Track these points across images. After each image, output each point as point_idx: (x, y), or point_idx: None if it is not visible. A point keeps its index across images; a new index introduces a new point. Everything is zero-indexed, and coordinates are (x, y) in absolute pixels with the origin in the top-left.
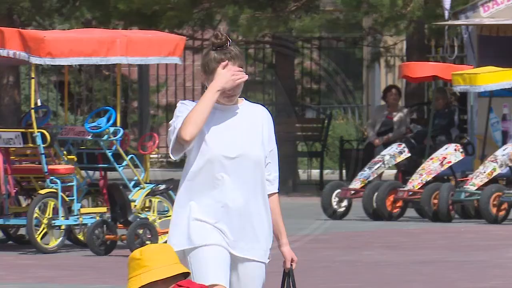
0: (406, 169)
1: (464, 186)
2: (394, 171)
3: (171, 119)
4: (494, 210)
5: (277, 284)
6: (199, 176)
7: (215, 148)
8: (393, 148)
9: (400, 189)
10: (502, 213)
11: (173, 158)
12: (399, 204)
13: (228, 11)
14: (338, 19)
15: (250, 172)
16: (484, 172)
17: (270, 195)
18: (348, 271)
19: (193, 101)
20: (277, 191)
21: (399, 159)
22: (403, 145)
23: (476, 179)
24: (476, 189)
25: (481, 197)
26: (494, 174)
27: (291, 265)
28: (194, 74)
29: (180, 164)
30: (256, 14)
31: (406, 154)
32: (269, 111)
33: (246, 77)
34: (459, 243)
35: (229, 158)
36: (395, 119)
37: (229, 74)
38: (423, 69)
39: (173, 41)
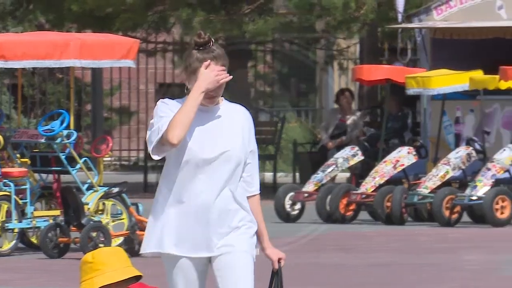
0: (359, 172)
1: (417, 189)
2: (348, 174)
3: (124, 122)
4: (447, 213)
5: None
6: (179, 178)
7: (195, 150)
8: (347, 151)
9: (353, 192)
10: (455, 216)
11: (154, 158)
12: (352, 207)
13: (182, 14)
14: (292, 22)
15: (230, 173)
16: (437, 175)
17: (251, 197)
18: (304, 274)
19: (173, 99)
20: (259, 192)
21: (352, 162)
22: (356, 148)
23: (429, 182)
24: (429, 192)
25: (434, 200)
26: (447, 177)
27: (279, 264)
28: (148, 77)
29: (132, 168)
30: (210, 17)
31: (360, 157)
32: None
33: (229, 77)
34: (413, 246)
35: (209, 159)
36: (348, 122)
37: (213, 74)
38: (376, 72)
39: (126, 44)
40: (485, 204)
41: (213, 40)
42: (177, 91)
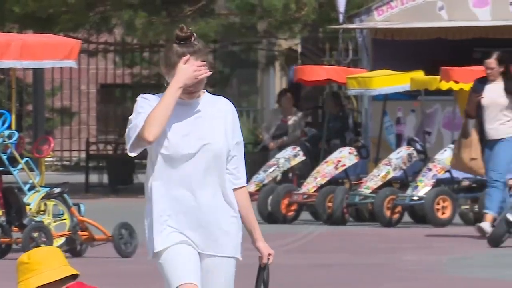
0: (301, 173)
1: (359, 189)
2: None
3: (66, 123)
4: (388, 213)
5: (251, 279)
6: (163, 175)
7: (176, 145)
8: (288, 152)
9: (295, 192)
10: (396, 216)
11: (130, 154)
12: (294, 207)
13: (123, 15)
14: (233, 23)
15: (213, 166)
16: (378, 175)
17: (237, 189)
18: (245, 274)
19: (154, 94)
20: (245, 184)
21: (293, 163)
22: (298, 148)
23: (370, 182)
24: (370, 192)
25: (375, 200)
26: (388, 177)
27: (268, 259)
28: (89, 78)
29: (74, 168)
30: (151, 19)
31: (301, 158)
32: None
33: (208, 72)
34: (354, 246)
35: (191, 154)
36: (290, 122)
37: (191, 69)
38: (317, 72)
39: (68, 45)
40: (426, 204)
41: (194, 34)
42: (118, 91)
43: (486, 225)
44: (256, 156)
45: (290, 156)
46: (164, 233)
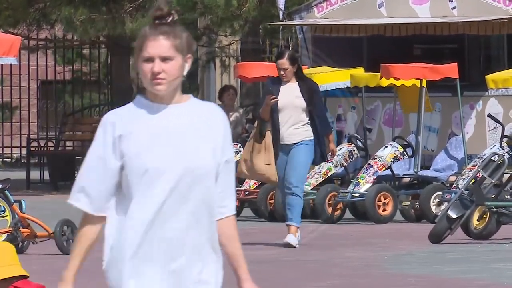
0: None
1: None
2: None
3: (6, 119)
4: (329, 209)
5: None
6: (134, 200)
7: (151, 163)
8: None
9: (237, 189)
10: (337, 213)
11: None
12: (236, 204)
13: (63, 12)
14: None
15: (196, 190)
16: (320, 172)
17: (222, 219)
18: None
19: (124, 106)
20: (233, 213)
21: (235, 159)
22: (239, 145)
23: (312, 179)
24: (312, 189)
25: (317, 196)
26: (330, 174)
27: None
28: (30, 74)
29: (15, 164)
30: (92, 16)
31: (242, 154)
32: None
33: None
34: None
35: (170, 173)
36: (231, 119)
37: None
38: (257, 69)
39: (8, 41)
40: (367, 201)
41: (174, 17)
42: (59, 88)
43: (292, 239)
44: None
45: None
46: (128, 275)
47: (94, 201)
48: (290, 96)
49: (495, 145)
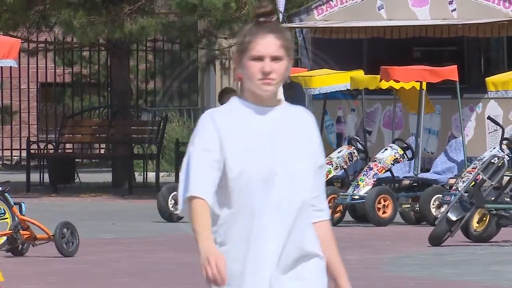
0: None
1: None
2: None
3: (6, 122)
4: (329, 212)
5: None
6: (231, 209)
7: (249, 166)
8: None
9: None
10: (337, 215)
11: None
12: None
13: (63, 14)
14: (173, 22)
15: (294, 196)
16: None
17: (319, 223)
18: (185, 272)
19: (222, 106)
20: (329, 218)
21: None
22: None
23: None
24: None
25: None
26: (330, 176)
27: None
28: (30, 77)
29: (15, 167)
30: (91, 18)
31: None
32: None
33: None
34: None
35: (267, 178)
36: None
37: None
38: None
39: (7, 44)
40: (367, 203)
41: (277, 15)
42: (58, 90)
43: None
44: None
45: None
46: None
47: (202, 188)
48: None
49: (495, 148)
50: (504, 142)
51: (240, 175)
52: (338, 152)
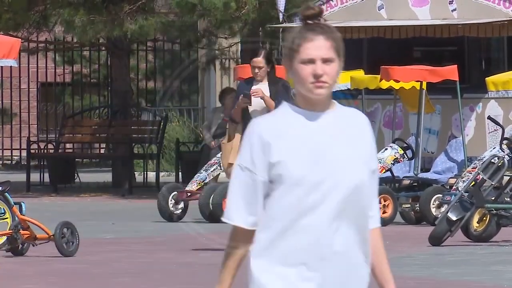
0: None
1: None
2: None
3: (6, 121)
4: None
5: None
6: (282, 217)
7: (306, 174)
8: None
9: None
10: None
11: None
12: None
13: (63, 14)
14: (173, 21)
15: (351, 203)
16: None
17: (371, 230)
18: (185, 272)
19: (271, 113)
20: (380, 225)
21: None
22: None
23: None
24: None
25: None
26: None
27: None
28: (30, 77)
29: (15, 167)
30: (91, 17)
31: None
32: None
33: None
34: None
35: (322, 184)
36: None
37: None
38: None
39: (8, 44)
40: None
41: (324, 13)
42: (58, 90)
43: None
44: (197, 155)
45: None
46: None
47: (245, 215)
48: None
49: (495, 147)
50: (504, 142)
51: (292, 186)
52: None
